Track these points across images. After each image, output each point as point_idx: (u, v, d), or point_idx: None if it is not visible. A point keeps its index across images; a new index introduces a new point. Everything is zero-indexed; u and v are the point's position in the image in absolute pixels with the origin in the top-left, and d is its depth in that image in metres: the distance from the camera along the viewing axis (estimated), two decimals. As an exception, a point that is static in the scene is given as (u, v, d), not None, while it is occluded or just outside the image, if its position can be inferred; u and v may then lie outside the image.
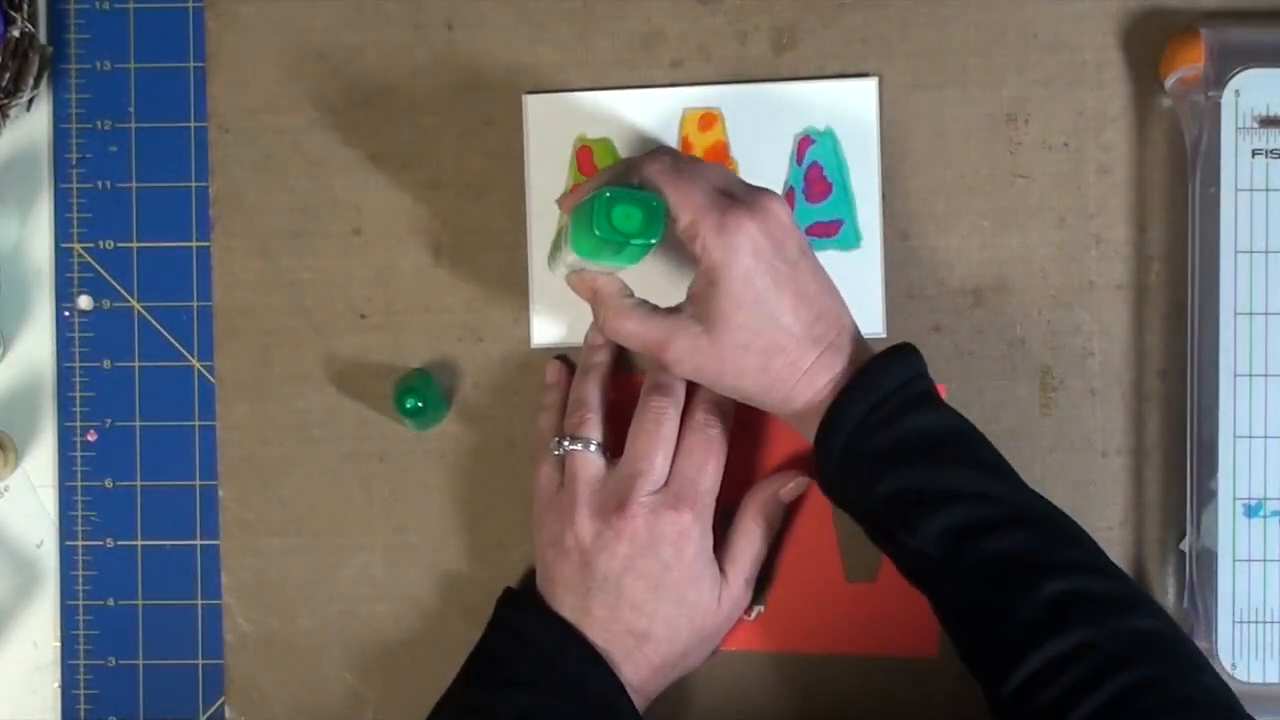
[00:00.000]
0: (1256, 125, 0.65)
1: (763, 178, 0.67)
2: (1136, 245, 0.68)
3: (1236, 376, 0.65)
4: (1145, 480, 0.68)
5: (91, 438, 0.70)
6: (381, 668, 0.69)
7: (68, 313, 0.70)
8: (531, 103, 0.69)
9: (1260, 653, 0.65)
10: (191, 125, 0.70)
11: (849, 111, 0.68)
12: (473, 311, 0.69)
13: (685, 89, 0.68)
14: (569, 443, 0.64)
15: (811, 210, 0.68)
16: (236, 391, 0.69)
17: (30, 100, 0.69)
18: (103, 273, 0.70)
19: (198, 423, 0.70)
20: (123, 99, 0.70)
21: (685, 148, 0.68)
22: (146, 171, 0.70)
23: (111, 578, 0.70)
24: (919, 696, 0.67)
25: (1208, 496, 0.65)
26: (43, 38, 0.69)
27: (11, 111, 0.68)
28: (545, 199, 0.68)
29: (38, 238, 0.70)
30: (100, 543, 0.70)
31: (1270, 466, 0.65)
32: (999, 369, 0.68)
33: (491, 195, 0.69)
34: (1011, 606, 0.56)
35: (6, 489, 0.70)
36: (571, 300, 0.66)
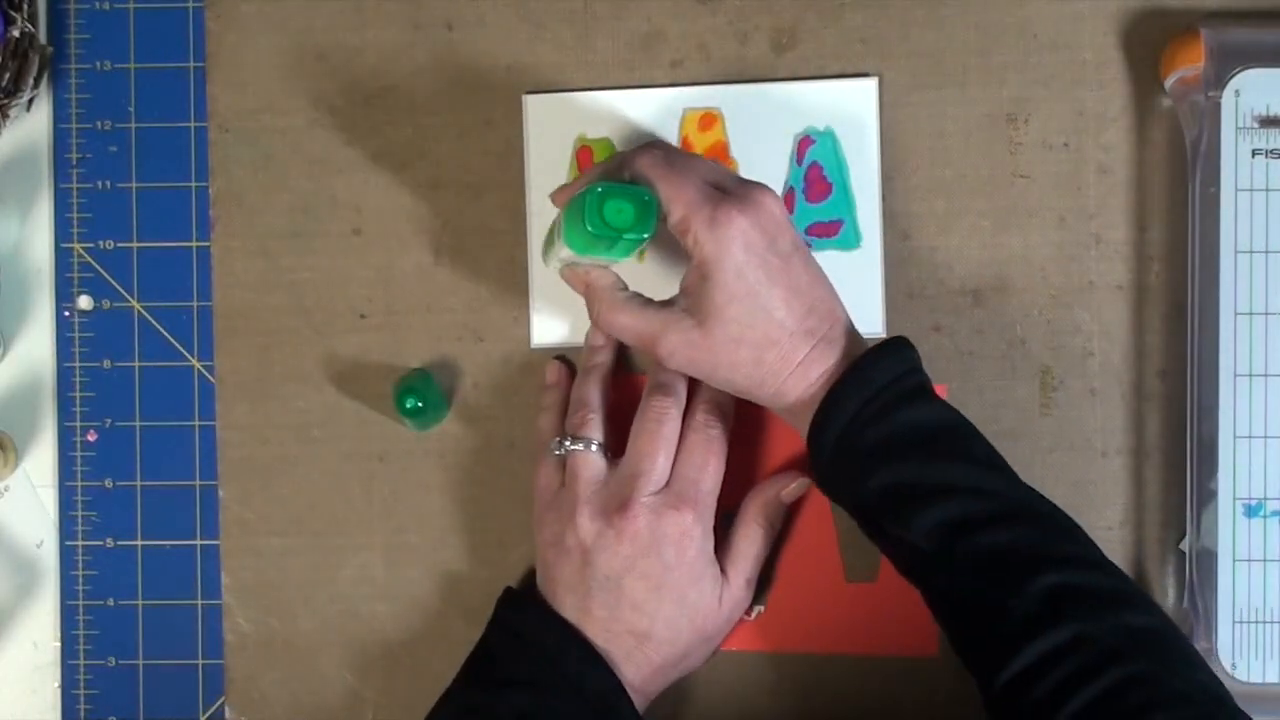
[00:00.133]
0: (1256, 125, 0.65)
1: (763, 178, 0.67)
2: (1136, 245, 0.68)
3: (1236, 376, 0.65)
4: (1145, 480, 0.68)
5: (91, 438, 0.70)
6: (381, 668, 0.69)
7: (68, 313, 0.70)
8: (531, 103, 0.69)
9: (1260, 653, 0.65)
10: (191, 125, 0.70)
11: (849, 111, 0.68)
12: (473, 311, 0.69)
13: (685, 89, 0.68)
14: (570, 443, 0.64)
15: (811, 210, 0.68)
16: (236, 391, 0.69)
17: (30, 100, 0.69)
18: (103, 273, 0.70)
19: (198, 423, 0.70)
20: (123, 99, 0.70)
21: (685, 148, 0.68)
22: (146, 171, 0.70)
23: (111, 578, 0.70)
24: (919, 696, 0.68)
25: (1208, 496, 0.65)
26: (43, 38, 0.69)
27: (11, 111, 0.68)
28: (545, 199, 0.68)
29: (38, 238, 0.70)
30: (100, 543, 0.70)
31: (1270, 466, 0.65)
32: (999, 369, 0.68)
33: (491, 195, 0.69)
34: (1005, 600, 0.56)
35: (6, 489, 0.70)
36: (571, 301, 0.66)
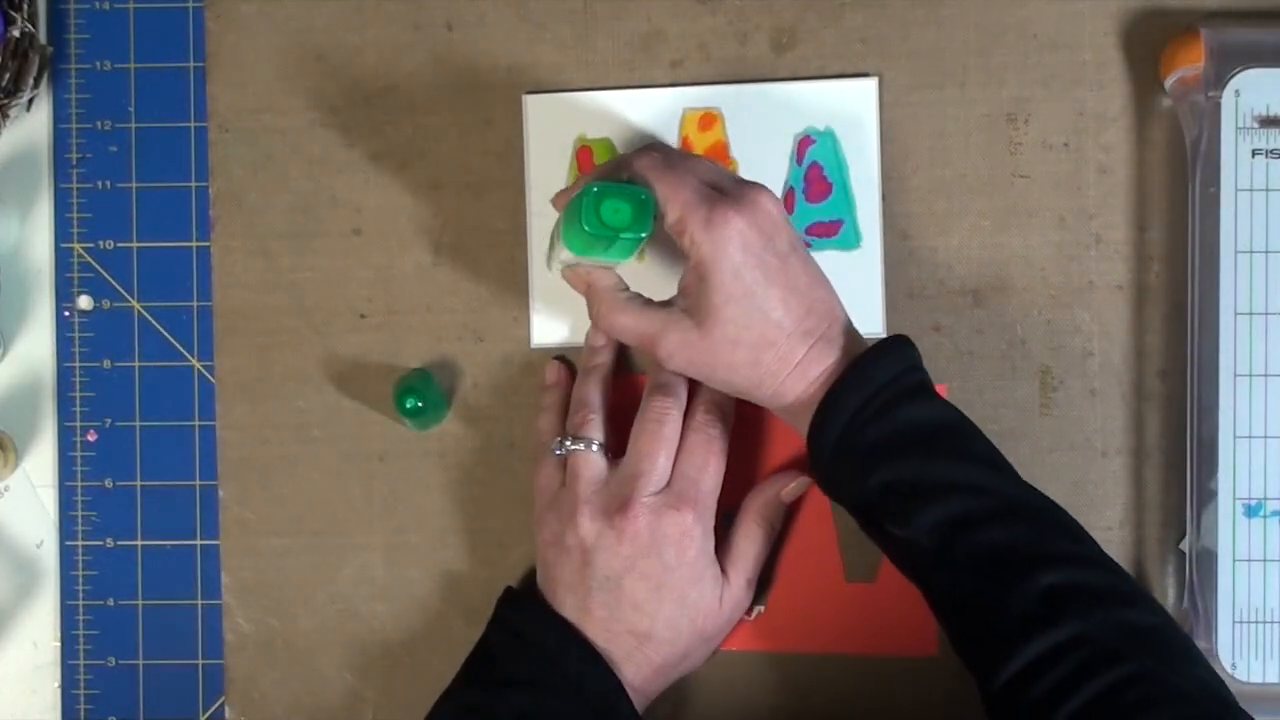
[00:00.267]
0: (1256, 125, 0.65)
1: (763, 178, 0.67)
2: (1136, 245, 0.68)
3: (1236, 376, 0.65)
4: (1145, 480, 0.68)
5: (91, 438, 0.70)
6: (381, 668, 0.69)
7: (68, 313, 0.70)
8: (531, 103, 0.69)
9: (1260, 653, 0.65)
10: (191, 125, 0.70)
11: (849, 111, 0.68)
12: (473, 311, 0.69)
13: (685, 89, 0.68)
14: (571, 443, 0.64)
15: (811, 210, 0.68)
16: (236, 391, 0.69)
17: (30, 100, 0.69)
18: (103, 273, 0.70)
19: (198, 423, 0.70)
20: (123, 99, 0.70)
21: (685, 148, 0.68)
22: (146, 171, 0.70)
23: (111, 578, 0.70)
24: (919, 696, 0.67)
25: (1208, 496, 0.65)
26: (43, 38, 0.69)
27: (11, 111, 0.68)
28: (545, 199, 0.68)
29: (38, 238, 0.70)
30: (100, 543, 0.70)
31: (1270, 466, 0.65)
32: (999, 369, 0.68)
33: (491, 195, 0.69)
34: (1004, 599, 0.56)
35: (6, 489, 0.70)
36: (572, 301, 0.66)
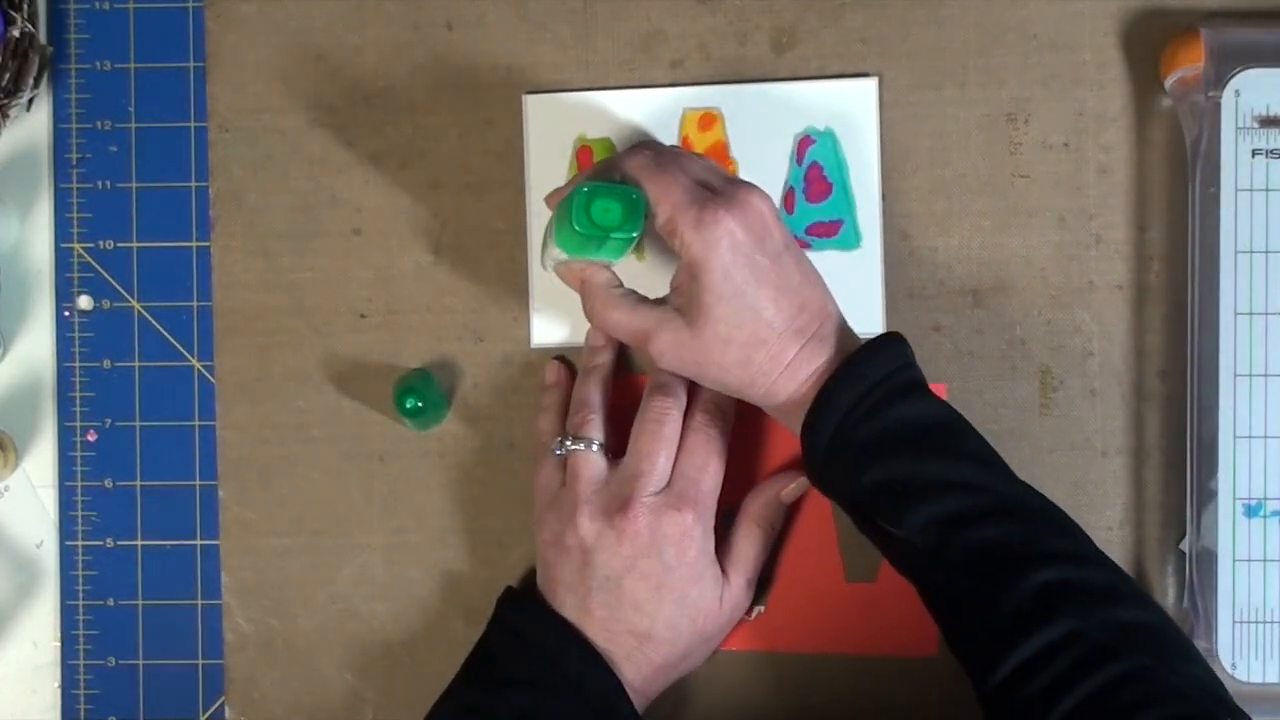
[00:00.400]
0: (1256, 125, 0.65)
1: (763, 178, 0.67)
2: (1136, 245, 0.68)
3: (1236, 376, 0.65)
4: (1145, 480, 0.68)
5: (91, 438, 0.70)
6: (381, 668, 0.69)
7: (68, 313, 0.70)
8: (531, 103, 0.69)
9: (1260, 653, 0.65)
10: (191, 125, 0.70)
11: (849, 111, 0.68)
12: (473, 311, 0.69)
13: (685, 89, 0.68)
14: (571, 443, 0.64)
15: (811, 210, 0.68)
16: (236, 391, 0.69)
17: (30, 100, 0.69)
18: (103, 273, 0.70)
19: (198, 423, 0.70)
20: (123, 99, 0.70)
21: (685, 148, 0.68)
22: (146, 171, 0.70)
23: (111, 578, 0.70)
24: (918, 696, 0.67)
25: (1208, 496, 0.65)
26: (43, 38, 0.69)
27: (11, 111, 0.68)
28: (544, 200, 0.68)
29: (38, 238, 0.70)
30: (100, 543, 0.70)
31: (1270, 466, 0.65)
32: (999, 369, 0.68)
33: (491, 195, 0.69)
34: (999, 597, 0.56)
35: (6, 489, 0.70)
36: (571, 301, 0.66)
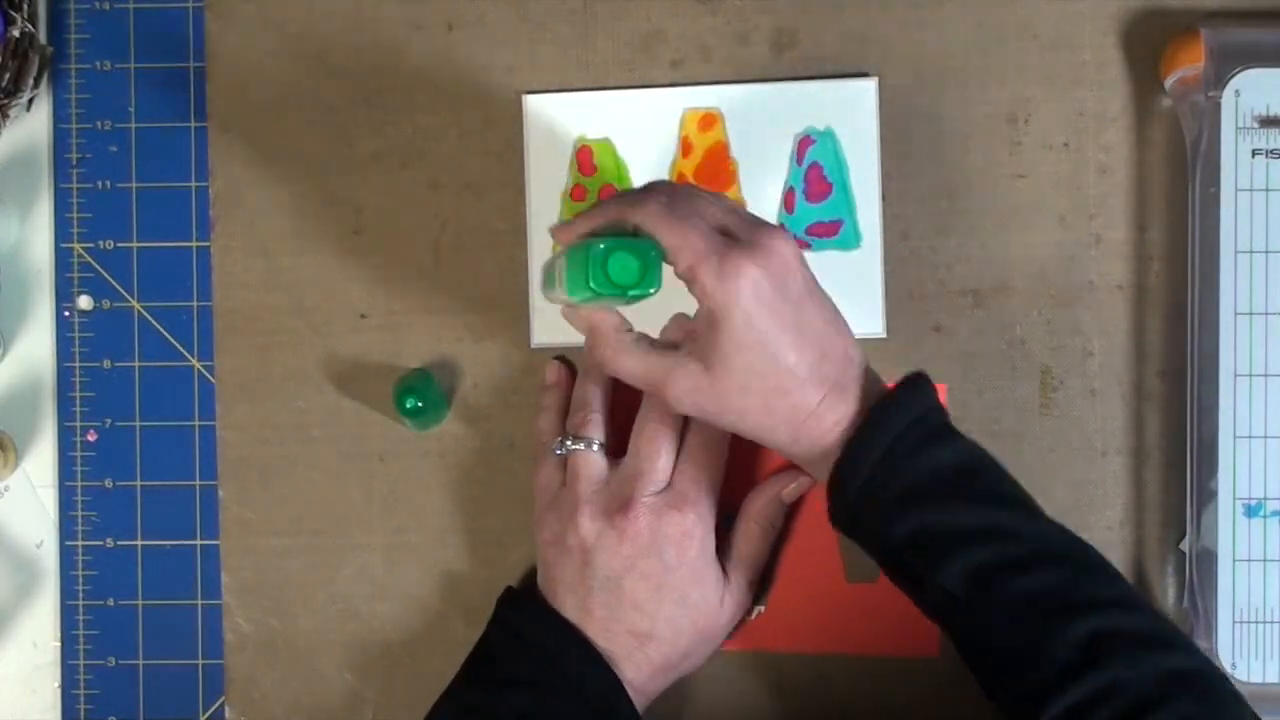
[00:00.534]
0: (1256, 125, 0.65)
1: (763, 178, 0.67)
2: (1136, 245, 0.68)
3: (1236, 376, 0.65)
4: (1145, 480, 0.68)
5: (91, 438, 0.70)
6: (381, 668, 0.69)
7: (68, 313, 0.70)
8: (531, 103, 0.69)
9: (1260, 653, 0.65)
10: (191, 125, 0.70)
11: (849, 111, 0.68)
12: (473, 311, 0.69)
13: (685, 89, 0.68)
14: (571, 442, 0.64)
15: (811, 210, 0.68)
16: (236, 391, 0.69)
17: (30, 100, 0.69)
18: (103, 273, 0.70)
19: (198, 423, 0.70)
20: (123, 99, 0.70)
21: (685, 148, 0.68)
22: (146, 171, 0.70)
23: (111, 578, 0.70)
24: (919, 696, 0.67)
25: (1208, 496, 0.65)
26: (43, 38, 0.69)
27: (11, 111, 0.68)
28: (545, 199, 0.68)
29: (38, 238, 0.70)
30: (100, 543, 0.70)
31: (1270, 466, 0.65)
32: (999, 369, 0.68)
33: (491, 195, 0.69)
34: (1040, 646, 0.54)
35: (6, 489, 0.70)
36: (572, 300, 0.66)
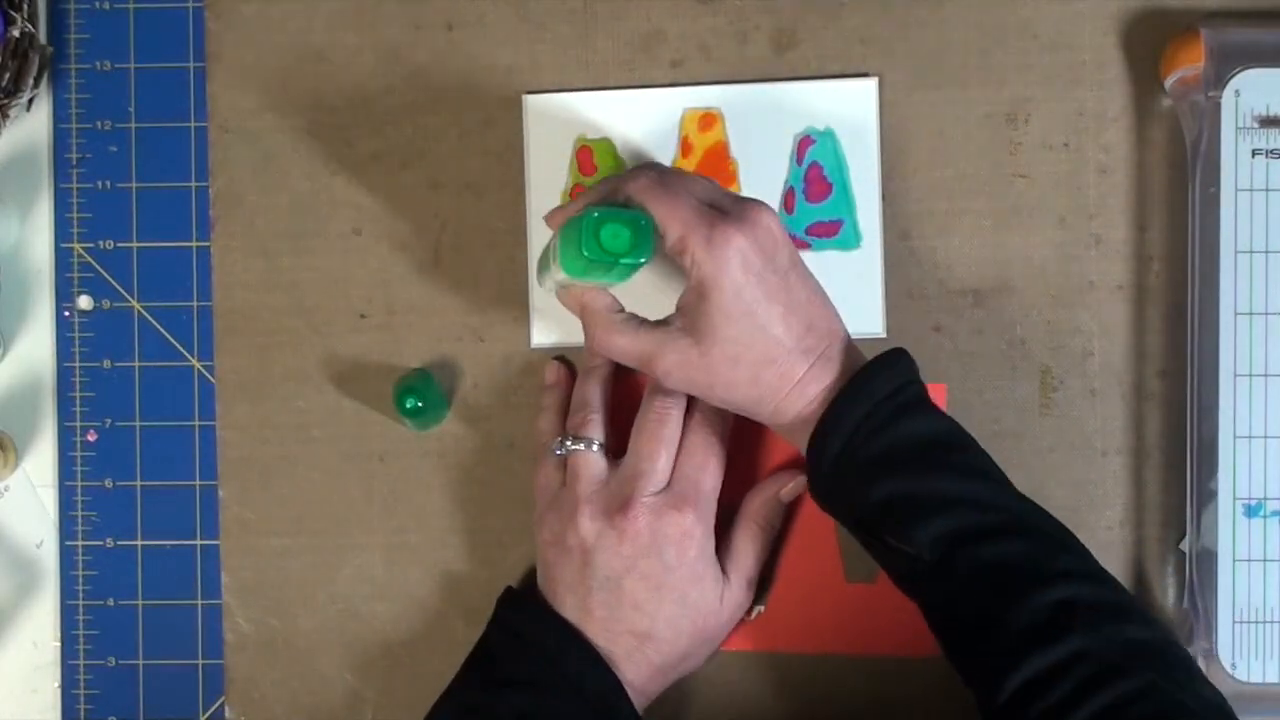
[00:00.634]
0: (1256, 125, 0.65)
1: (763, 178, 0.67)
2: (1136, 245, 0.68)
3: (1236, 376, 0.65)
4: (1145, 480, 0.68)
5: (91, 438, 0.70)
6: (381, 668, 0.69)
7: (68, 313, 0.70)
8: (531, 103, 0.69)
9: (1260, 653, 0.65)
10: (191, 125, 0.70)
11: (849, 111, 0.68)
12: (473, 311, 0.69)
13: (685, 89, 0.68)
14: (571, 443, 0.64)
15: (811, 210, 0.68)
16: (236, 391, 0.69)
17: (30, 100, 0.69)
18: (103, 273, 0.70)
19: (198, 423, 0.70)
20: (123, 99, 0.70)
21: (685, 148, 0.68)
22: (146, 171, 0.70)
23: (111, 578, 0.70)
24: (919, 696, 0.67)
25: (1208, 496, 0.65)
26: (43, 38, 0.69)
27: (11, 111, 0.68)
28: (545, 199, 0.68)
29: (38, 238, 0.70)
30: (100, 543, 0.70)
31: (1270, 466, 0.65)
32: (999, 369, 0.68)
33: (491, 195, 0.69)
34: (1006, 614, 0.55)
35: (6, 489, 0.70)
36: (571, 300, 0.66)
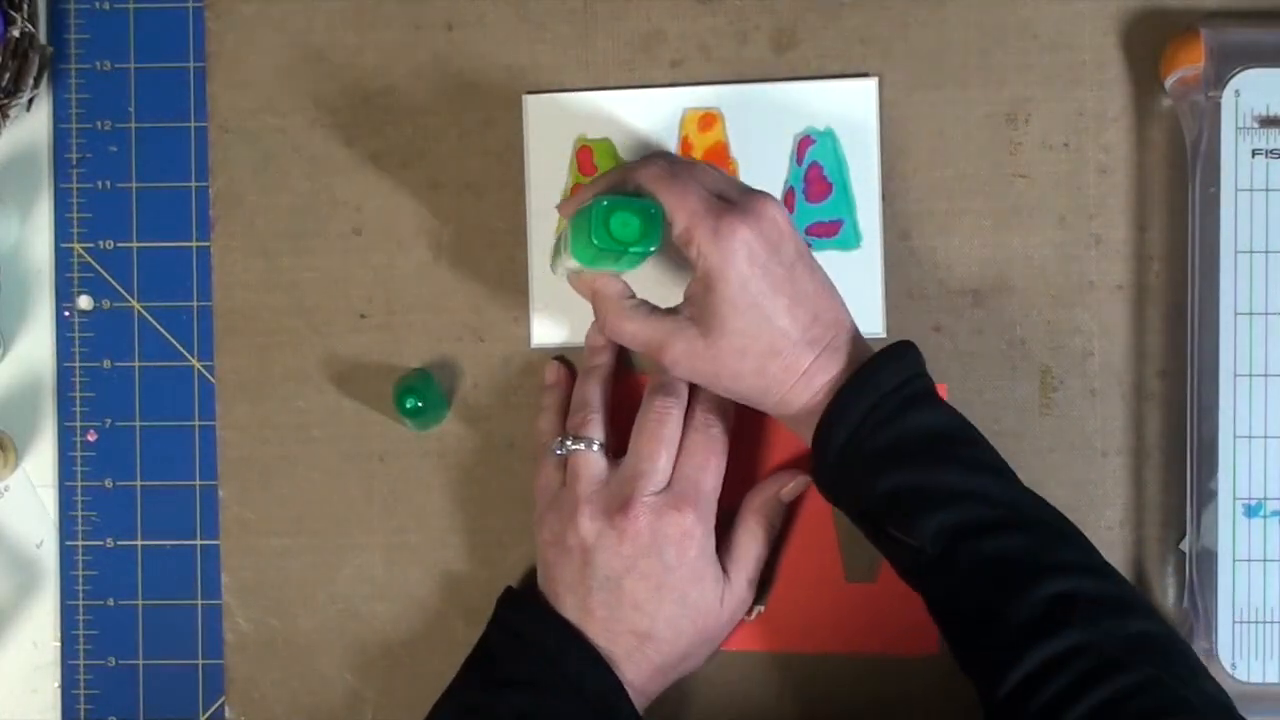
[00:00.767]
0: (1256, 125, 0.65)
1: (763, 178, 0.67)
2: (1136, 245, 0.68)
3: (1236, 376, 0.65)
4: (1145, 480, 0.68)
5: (91, 438, 0.70)
6: (381, 668, 0.69)
7: (68, 313, 0.70)
8: (531, 103, 0.69)
9: (1260, 653, 0.65)
10: (191, 125, 0.70)
11: (849, 111, 0.68)
12: (473, 311, 0.69)
13: (685, 89, 0.68)
14: (572, 443, 0.64)
15: (811, 210, 0.68)
16: (236, 391, 0.69)
17: (30, 100, 0.69)
18: (103, 273, 0.70)
19: (198, 423, 0.70)
20: (123, 99, 0.70)
21: (685, 148, 0.68)
22: (146, 171, 0.70)
23: (111, 578, 0.70)
24: (919, 696, 0.67)
25: (1208, 496, 0.65)
26: (43, 38, 0.69)
27: (11, 111, 0.68)
28: (545, 199, 0.68)
29: (38, 238, 0.70)
30: (100, 543, 0.70)
31: (1270, 466, 0.65)
32: (999, 369, 0.68)
33: (491, 195, 0.69)
34: (1008, 606, 0.56)
35: (6, 489, 0.70)
36: (572, 301, 0.66)
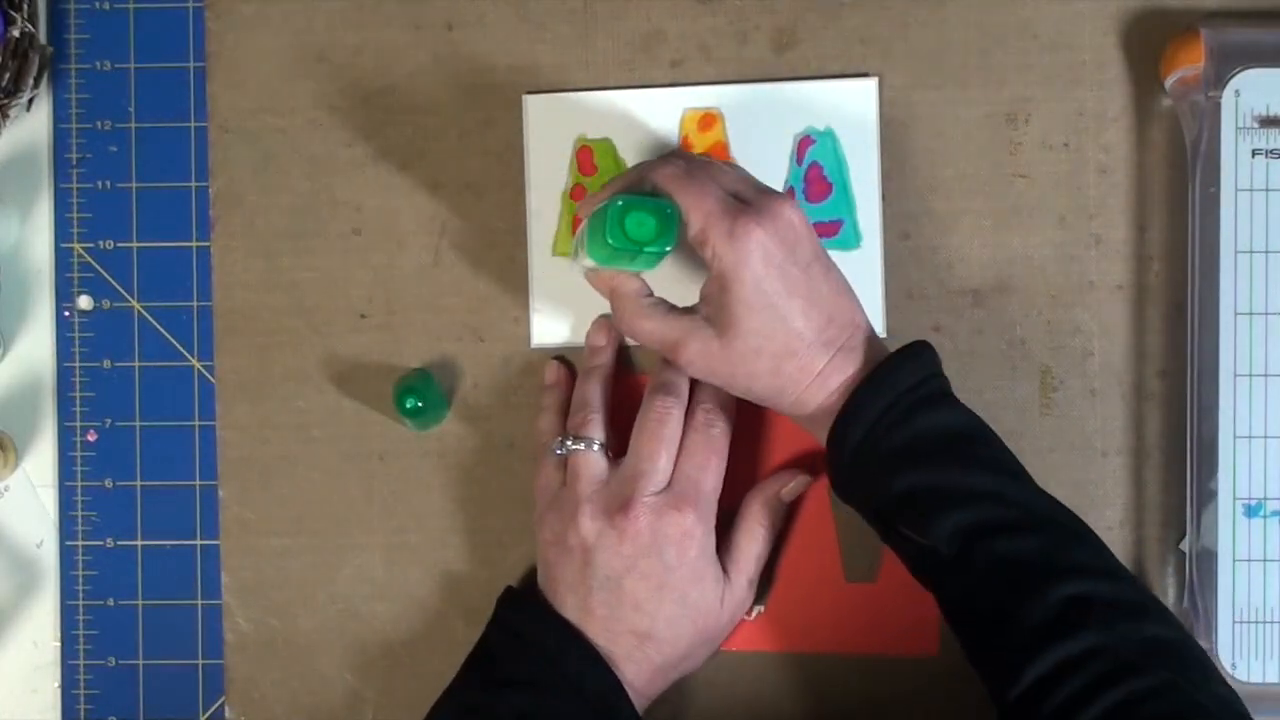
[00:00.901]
0: (1256, 125, 0.65)
1: (763, 178, 0.67)
2: (1136, 245, 0.68)
3: (1236, 376, 0.65)
4: (1145, 480, 0.68)
5: (91, 438, 0.70)
6: (381, 668, 0.69)
7: (68, 313, 0.70)
8: (531, 103, 0.69)
9: (1260, 653, 0.65)
10: (191, 125, 0.70)
11: (849, 111, 0.68)
12: (473, 311, 0.69)
13: (685, 89, 0.68)
14: (572, 442, 0.64)
15: (811, 210, 0.68)
16: (236, 391, 0.69)
17: (30, 100, 0.69)
18: (103, 273, 0.70)
19: (198, 423, 0.70)
20: (123, 99, 0.70)
21: (685, 148, 0.68)
22: (146, 171, 0.70)
23: (111, 578, 0.70)
24: (919, 696, 0.67)
25: (1208, 496, 0.65)
26: (43, 38, 0.69)
27: (11, 111, 0.68)
28: (545, 199, 0.68)
29: (38, 238, 0.70)
30: (100, 543, 0.70)
31: (1270, 466, 0.65)
32: (999, 369, 0.68)
33: (491, 195, 0.69)
34: (1022, 608, 0.55)
35: (6, 489, 0.70)
36: (572, 301, 0.66)
